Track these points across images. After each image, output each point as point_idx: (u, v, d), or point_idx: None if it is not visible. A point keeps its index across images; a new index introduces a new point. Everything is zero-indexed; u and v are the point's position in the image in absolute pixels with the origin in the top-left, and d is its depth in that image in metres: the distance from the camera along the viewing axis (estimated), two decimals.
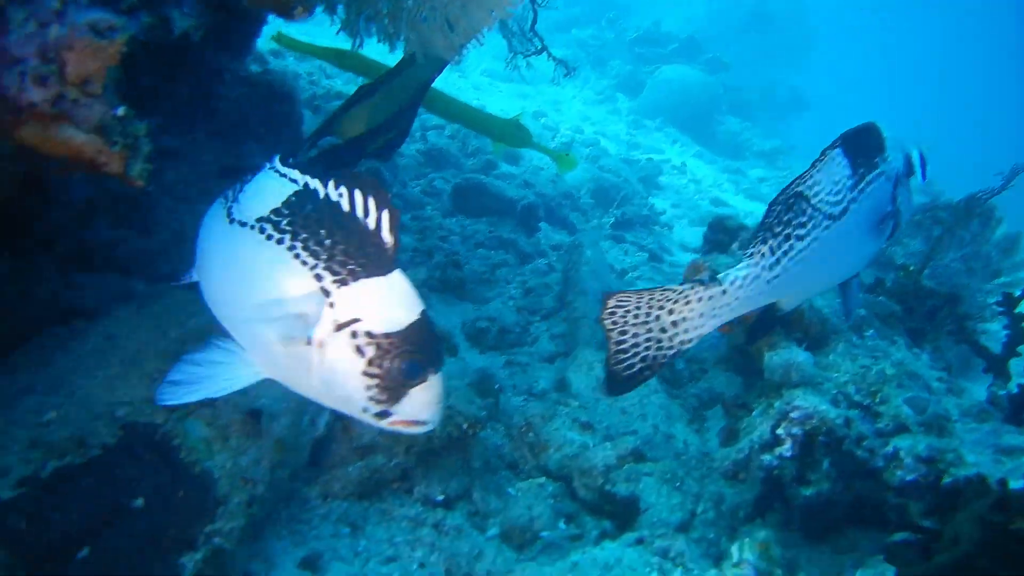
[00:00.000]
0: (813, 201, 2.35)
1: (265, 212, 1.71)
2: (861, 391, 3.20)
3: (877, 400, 3.16)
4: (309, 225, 1.65)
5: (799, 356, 3.16)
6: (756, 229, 2.41)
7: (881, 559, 2.64)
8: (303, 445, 2.95)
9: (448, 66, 4.51)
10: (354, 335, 1.60)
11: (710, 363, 4.65)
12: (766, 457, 3.00)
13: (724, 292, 2.32)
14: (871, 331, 3.64)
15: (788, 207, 2.34)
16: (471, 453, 3.30)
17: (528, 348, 4.88)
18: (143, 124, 2.11)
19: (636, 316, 2.26)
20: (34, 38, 1.99)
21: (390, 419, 1.67)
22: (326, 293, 1.61)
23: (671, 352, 2.30)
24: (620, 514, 3.21)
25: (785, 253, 2.34)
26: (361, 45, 3.81)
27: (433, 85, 4.35)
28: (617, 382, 2.32)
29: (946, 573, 2.25)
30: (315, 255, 1.62)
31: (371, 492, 3.15)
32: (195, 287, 2.15)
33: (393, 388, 1.62)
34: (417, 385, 1.63)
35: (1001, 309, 4.06)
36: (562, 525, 3.18)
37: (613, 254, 7.07)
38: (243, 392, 2.65)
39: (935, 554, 2.37)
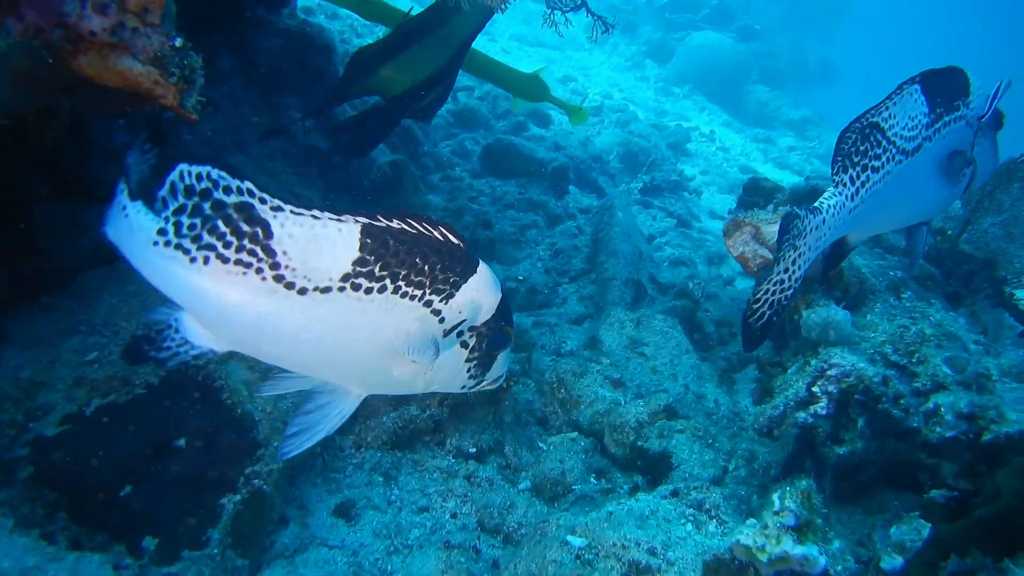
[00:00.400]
0: (888, 133, 2.31)
1: (346, 267, 1.69)
2: (899, 351, 3.17)
3: (915, 360, 3.13)
4: (403, 261, 1.72)
5: (838, 314, 3.13)
6: (834, 156, 2.38)
7: (915, 516, 2.62)
8: None
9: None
10: (460, 334, 1.85)
11: (739, 327, 4.63)
12: (801, 415, 2.98)
13: (824, 221, 2.31)
14: (908, 293, 3.60)
15: (864, 136, 2.30)
16: (503, 407, 3.31)
17: (557, 309, 4.88)
18: (198, 56, 2.10)
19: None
20: None
21: (480, 386, 1.98)
22: (437, 313, 1.79)
23: (790, 293, 2.31)
24: (652, 470, 3.21)
25: (863, 184, 2.31)
26: None
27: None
28: (753, 335, 2.37)
29: (986, 526, 2.23)
30: (420, 286, 1.75)
31: (404, 443, 3.17)
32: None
33: (487, 362, 1.93)
34: (501, 351, 1.94)
35: None
36: (593, 480, 3.19)
37: (641, 219, 7.02)
38: None
39: (974, 509, 2.35)
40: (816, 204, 2.35)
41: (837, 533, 3.06)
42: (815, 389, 2.99)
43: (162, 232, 1.66)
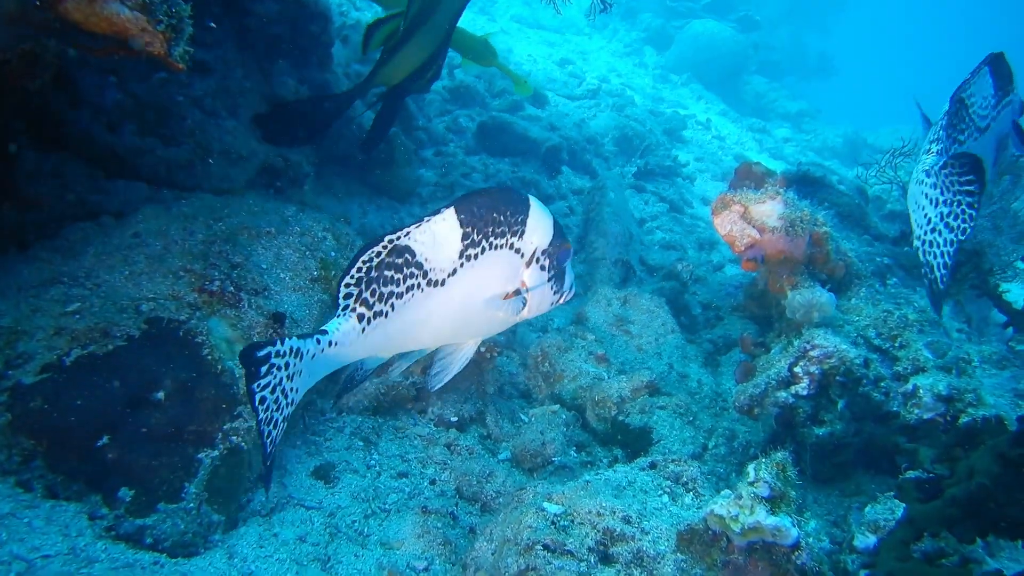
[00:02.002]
0: (970, 111, 2.35)
1: (459, 248, 2.08)
2: (882, 335, 3.18)
3: (897, 344, 3.14)
4: (488, 220, 2.10)
5: (822, 296, 3.13)
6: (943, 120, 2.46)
7: (890, 496, 2.64)
8: None
9: (478, 9, 4.46)
10: (537, 260, 2.20)
11: (726, 310, 4.64)
12: (782, 394, 2.99)
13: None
14: (895, 279, 3.61)
15: (956, 110, 2.35)
16: (486, 378, 3.31)
17: None
18: (187, 6, 2.08)
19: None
20: None
21: (563, 298, 2.31)
22: (519, 251, 2.18)
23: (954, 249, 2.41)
24: (632, 444, 3.22)
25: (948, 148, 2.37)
26: None
27: None
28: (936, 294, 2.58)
29: (958, 506, 2.25)
30: (503, 235, 2.14)
31: (386, 409, 3.17)
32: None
33: (561, 275, 2.26)
34: (567, 263, 2.28)
35: None
36: (573, 453, 3.20)
37: (633, 203, 7.01)
38: (267, 295, 2.69)
39: (947, 489, 2.37)
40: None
41: (813, 513, 3.09)
42: (797, 369, 3.00)
43: (361, 318, 2.03)
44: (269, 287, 2.76)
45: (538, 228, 2.18)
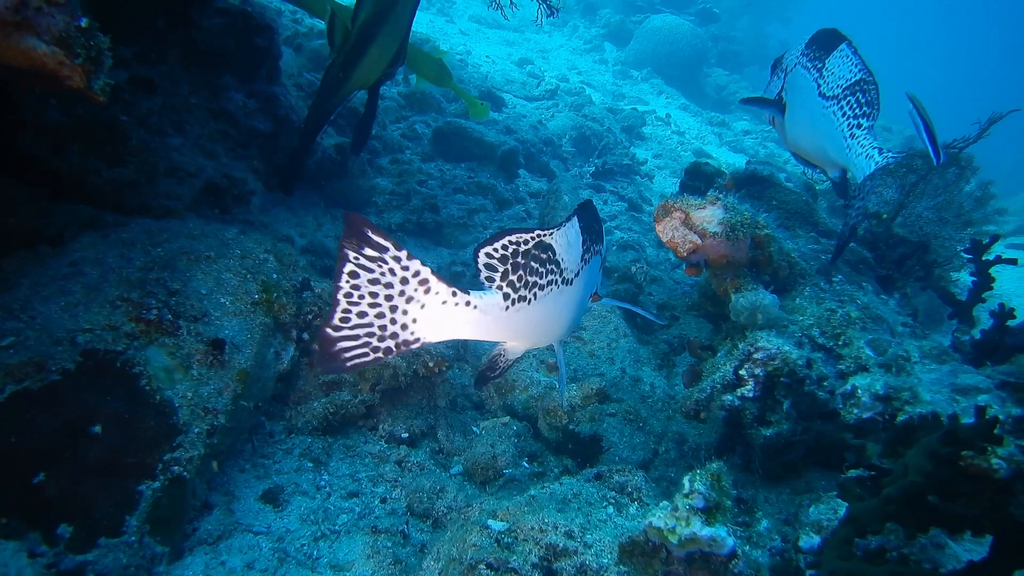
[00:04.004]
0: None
1: (581, 252, 2.27)
2: (825, 334, 3.22)
3: (840, 343, 3.18)
4: (591, 228, 2.32)
5: (765, 298, 3.16)
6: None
7: (833, 496, 2.68)
8: (268, 378, 2.94)
9: (436, 10, 4.57)
10: (601, 266, 2.55)
11: (681, 310, 4.67)
12: (728, 397, 3.02)
13: None
14: (839, 276, 3.66)
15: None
16: (436, 392, 3.31)
17: None
18: (106, 38, 2.06)
19: None
20: None
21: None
22: (600, 258, 2.53)
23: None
24: (583, 453, 3.24)
25: None
26: None
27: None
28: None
29: (893, 504, 2.29)
30: (597, 240, 2.42)
31: (336, 428, 3.16)
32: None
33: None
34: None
35: (969, 256, 4.09)
36: (525, 463, 3.21)
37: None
38: (206, 321, 2.67)
39: (885, 486, 2.41)
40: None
41: (765, 513, 3.12)
42: (742, 372, 3.03)
43: (506, 297, 2.10)
44: (209, 313, 2.74)
45: (603, 237, 2.49)
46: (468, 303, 2.05)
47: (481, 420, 3.45)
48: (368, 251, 1.92)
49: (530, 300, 2.14)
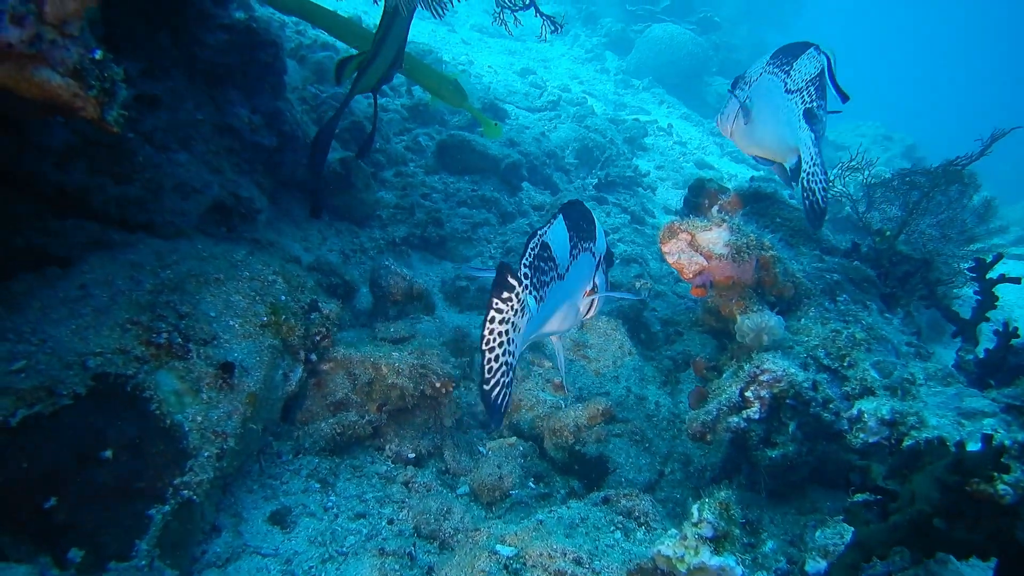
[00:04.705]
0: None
1: (569, 247, 2.42)
2: (830, 355, 3.23)
3: (845, 364, 3.20)
4: (582, 226, 2.49)
5: (770, 320, 3.18)
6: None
7: (839, 520, 2.69)
8: (276, 400, 2.96)
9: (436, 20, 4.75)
10: (599, 266, 2.68)
11: (685, 325, 4.69)
12: (734, 419, 3.03)
13: None
14: (844, 296, 3.67)
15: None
16: (443, 412, 3.32)
17: None
18: (120, 69, 2.08)
19: None
20: None
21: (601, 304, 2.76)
22: (594, 256, 2.62)
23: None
24: (589, 474, 3.25)
25: None
26: None
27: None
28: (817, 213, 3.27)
29: (901, 531, 2.30)
30: (589, 238, 2.56)
31: (342, 448, 3.17)
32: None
33: (605, 283, 2.76)
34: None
35: (973, 275, 4.10)
36: (531, 484, 3.22)
37: (595, 215, 7.05)
38: (215, 344, 2.69)
39: (891, 514, 2.42)
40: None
41: (770, 534, 3.13)
42: (748, 394, 3.04)
43: (536, 299, 2.23)
44: (218, 335, 2.76)
45: (599, 238, 2.63)
46: (529, 315, 2.21)
47: (487, 439, 3.46)
48: (505, 294, 2.11)
49: (544, 298, 2.30)
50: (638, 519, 2.62)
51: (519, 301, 2.11)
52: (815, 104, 3.32)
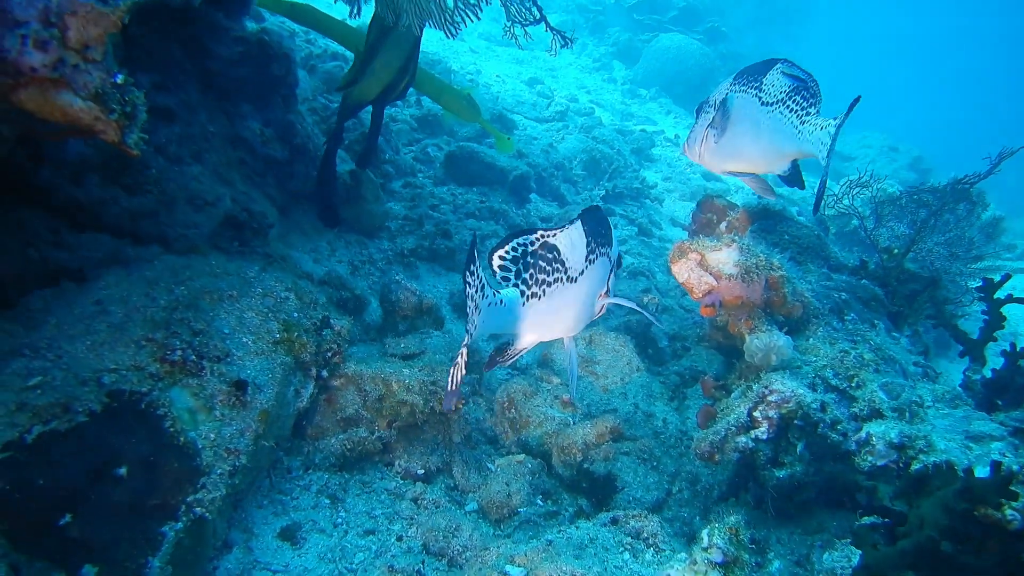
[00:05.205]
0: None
1: (585, 252, 2.51)
2: (839, 375, 3.25)
3: (854, 384, 3.21)
4: (598, 231, 2.58)
5: (779, 340, 3.19)
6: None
7: (847, 543, 2.70)
8: (287, 416, 2.98)
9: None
10: (613, 269, 2.78)
11: (692, 340, 4.70)
12: (742, 439, 3.05)
13: None
14: (852, 315, 3.69)
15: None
16: (452, 428, 3.34)
17: None
18: (140, 92, 2.11)
19: None
20: (36, 2, 1.99)
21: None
22: (610, 260, 2.72)
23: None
24: (597, 492, 3.27)
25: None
26: (358, 13, 3.78)
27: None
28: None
29: (909, 557, 2.31)
30: (607, 243, 2.66)
31: (352, 464, 3.19)
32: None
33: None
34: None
35: (981, 294, 4.11)
36: (539, 501, 3.24)
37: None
38: (228, 361, 2.71)
39: (900, 538, 2.43)
40: None
41: (777, 553, 3.14)
42: (756, 414, 3.06)
43: (522, 293, 2.36)
44: (231, 352, 2.78)
45: (615, 243, 2.74)
46: (500, 301, 2.31)
47: (495, 455, 3.47)
48: (471, 267, 2.19)
49: (540, 296, 2.39)
50: (647, 540, 2.64)
51: (478, 279, 2.20)
52: (810, 110, 3.44)
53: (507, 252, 2.34)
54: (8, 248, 3.12)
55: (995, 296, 4.08)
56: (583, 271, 2.51)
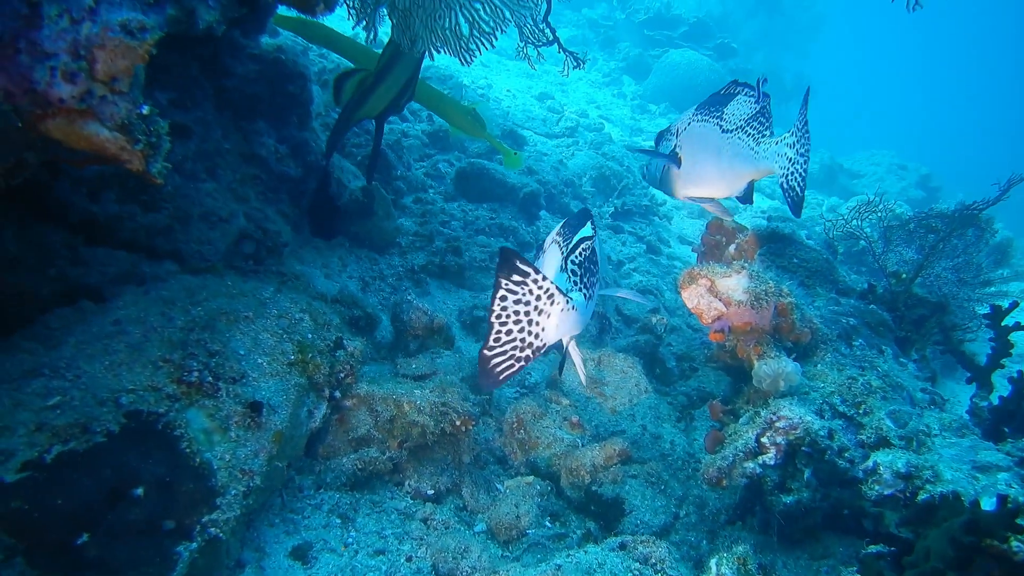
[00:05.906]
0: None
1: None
2: (846, 402, 3.27)
3: (861, 411, 3.24)
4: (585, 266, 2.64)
5: (788, 366, 3.22)
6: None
7: (854, 571, 2.72)
8: (300, 436, 3.01)
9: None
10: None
11: (700, 361, 4.73)
12: (749, 465, 3.07)
13: None
14: (860, 340, 3.71)
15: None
16: (462, 448, 3.37)
17: None
18: (165, 123, 2.16)
19: None
20: (66, 34, 2.04)
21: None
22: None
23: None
24: (605, 515, 3.29)
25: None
26: (374, 38, 3.84)
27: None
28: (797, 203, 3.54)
29: None
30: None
31: (363, 484, 3.23)
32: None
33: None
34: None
35: (988, 321, 4.13)
36: (548, 523, 3.26)
37: (611, 244, 7.12)
38: (244, 382, 2.75)
39: (906, 568, 2.45)
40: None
41: None
42: (764, 440, 3.08)
43: (586, 297, 2.49)
44: (247, 373, 2.82)
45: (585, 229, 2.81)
46: (573, 307, 2.36)
47: (504, 476, 3.50)
48: (516, 277, 2.25)
49: (591, 297, 2.51)
50: (655, 566, 2.66)
51: (544, 290, 2.27)
52: (765, 133, 3.69)
53: (577, 257, 2.49)
54: (27, 264, 3.17)
55: (1002, 323, 4.09)
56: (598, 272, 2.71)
